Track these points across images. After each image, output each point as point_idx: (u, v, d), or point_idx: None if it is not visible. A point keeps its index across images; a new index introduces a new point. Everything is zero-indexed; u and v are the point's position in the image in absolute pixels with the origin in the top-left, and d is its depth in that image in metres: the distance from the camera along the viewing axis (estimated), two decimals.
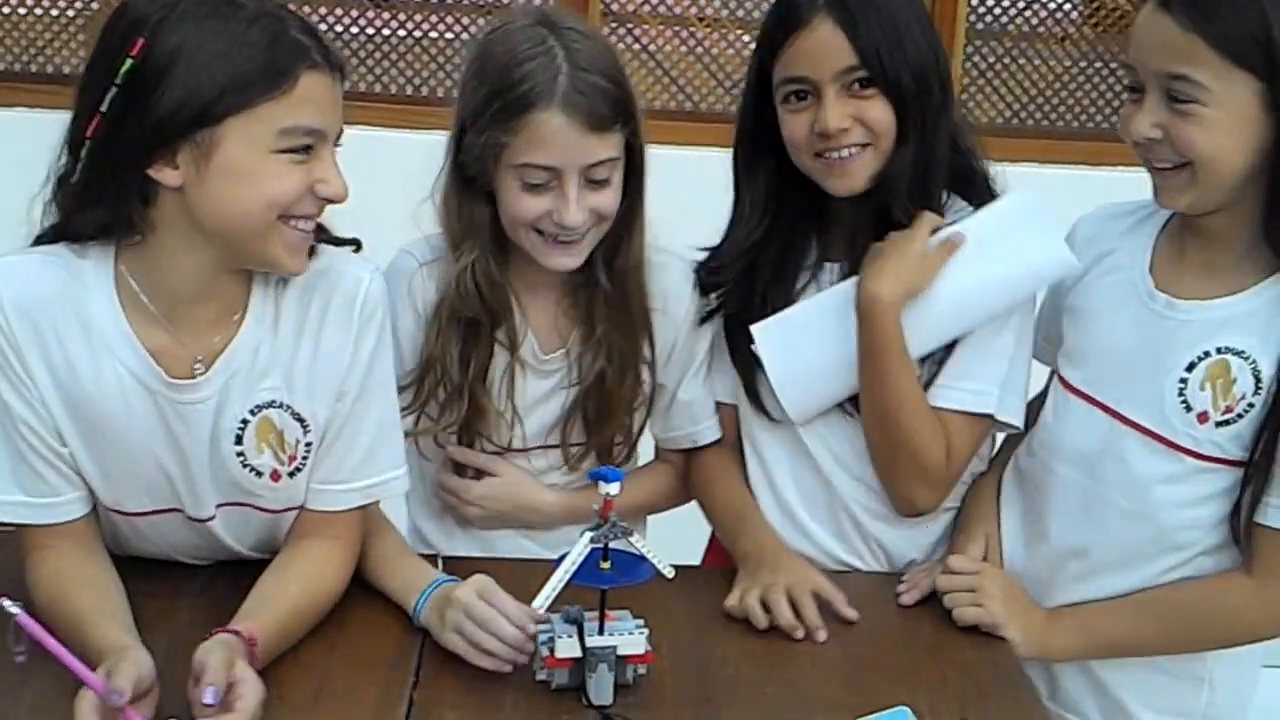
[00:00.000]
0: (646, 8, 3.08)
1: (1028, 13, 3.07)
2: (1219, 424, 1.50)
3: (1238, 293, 1.51)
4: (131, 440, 1.45)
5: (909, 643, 1.59)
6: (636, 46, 3.09)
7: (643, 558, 1.41)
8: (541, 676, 1.42)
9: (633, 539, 1.39)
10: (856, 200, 1.66)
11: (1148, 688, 1.63)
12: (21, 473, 1.45)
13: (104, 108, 1.33)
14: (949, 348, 1.65)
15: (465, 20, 3.10)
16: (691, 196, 1.78)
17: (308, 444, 1.51)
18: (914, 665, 1.53)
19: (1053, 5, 3.10)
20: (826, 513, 1.75)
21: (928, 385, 1.66)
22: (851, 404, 1.69)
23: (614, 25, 3.07)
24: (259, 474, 1.49)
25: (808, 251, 1.73)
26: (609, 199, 1.60)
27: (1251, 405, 1.49)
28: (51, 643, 1.25)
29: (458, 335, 1.66)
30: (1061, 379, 1.66)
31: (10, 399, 1.43)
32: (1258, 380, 1.48)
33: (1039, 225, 1.65)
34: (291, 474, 1.51)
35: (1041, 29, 3.07)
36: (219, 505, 1.51)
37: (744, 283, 1.72)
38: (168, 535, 1.55)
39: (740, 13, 3.10)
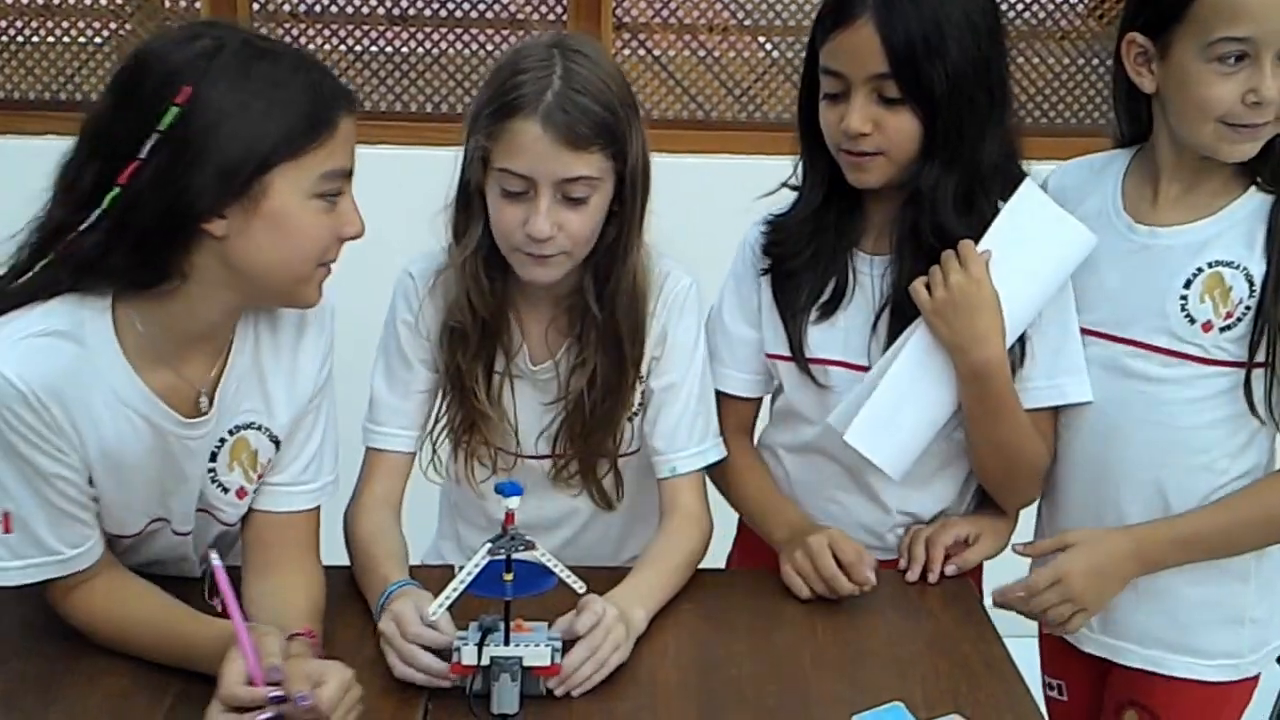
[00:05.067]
0: (658, 20, 3.14)
1: (1026, 14, 3.11)
2: (1222, 329, 1.62)
3: (1217, 212, 1.64)
4: (145, 477, 1.50)
5: (906, 636, 1.64)
6: (649, 58, 3.15)
7: (547, 570, 1.40)
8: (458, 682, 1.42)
9: (536, 551, 1.38)
10: (893, 200, 1.71)
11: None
12: (62, 527, 1.45)
13: (143, 154, 1.32)
14: (1019, 353, 1.70)
15: (483, 37, 3.16)
16: (701, 204, 1.85)
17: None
18: (910, 659, 1.58)
19: (1051, 6, 3.14)
20: (851, 481, 1.82)
21: None
22: None
23: (626, 37, 3.13)
24: (225, 490, 1.56)
25: (852, 236, 1.77)
26: (582, 220, 1.60)
27: (1249, 308, 1.61)
28: (230, 599, 1.32)
29: (461, 344, 1.71)
30: None
31: (45, 464, 1.41)
32: (1251, 284, 1.61)
33: (1050, 214, 1.69)
34: (257, 490, 1.58)
35: (1041, 29, 3.11)
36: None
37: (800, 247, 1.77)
38: (151, 548, 1.59)
39: (748, 22, 3.16)
